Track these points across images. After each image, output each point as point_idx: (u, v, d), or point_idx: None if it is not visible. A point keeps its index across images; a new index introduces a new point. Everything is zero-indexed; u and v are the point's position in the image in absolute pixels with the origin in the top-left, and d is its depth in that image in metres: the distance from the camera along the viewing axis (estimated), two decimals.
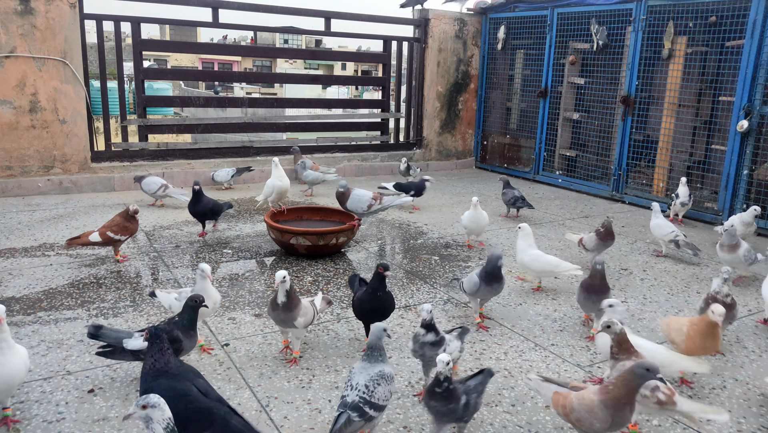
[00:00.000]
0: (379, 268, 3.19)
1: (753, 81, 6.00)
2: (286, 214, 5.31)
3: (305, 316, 3.14)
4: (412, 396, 2.91)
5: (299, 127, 9.91)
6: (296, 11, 8.23)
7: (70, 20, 6.49)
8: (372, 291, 3.24)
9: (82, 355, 3.17)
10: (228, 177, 7.21)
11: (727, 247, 4.58)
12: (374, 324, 2.58)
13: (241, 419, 2.26)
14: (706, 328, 2.96)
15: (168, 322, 2.87)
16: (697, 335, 2.99)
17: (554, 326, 3.78)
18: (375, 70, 31.87)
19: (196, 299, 2.87)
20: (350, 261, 4.88)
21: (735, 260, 4.55)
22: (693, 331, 3.00)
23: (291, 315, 3.10)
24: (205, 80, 30.73)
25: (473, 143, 9.70)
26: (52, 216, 5.79)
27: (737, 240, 4.56)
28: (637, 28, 7.04)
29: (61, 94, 6.57)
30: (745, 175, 6.17)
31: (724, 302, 3.31)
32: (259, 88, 33.38)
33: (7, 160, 6.46)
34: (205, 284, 3.16)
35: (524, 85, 8.94)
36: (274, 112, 13.83)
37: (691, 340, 3.00)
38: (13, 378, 2.47)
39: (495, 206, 6.97)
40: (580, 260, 4.92)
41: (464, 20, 9.10)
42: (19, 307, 3.72)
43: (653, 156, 7.24)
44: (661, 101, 7.16)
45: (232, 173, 7.24)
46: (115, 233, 4.43)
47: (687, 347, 3.01)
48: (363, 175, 8.58)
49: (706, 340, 2.97)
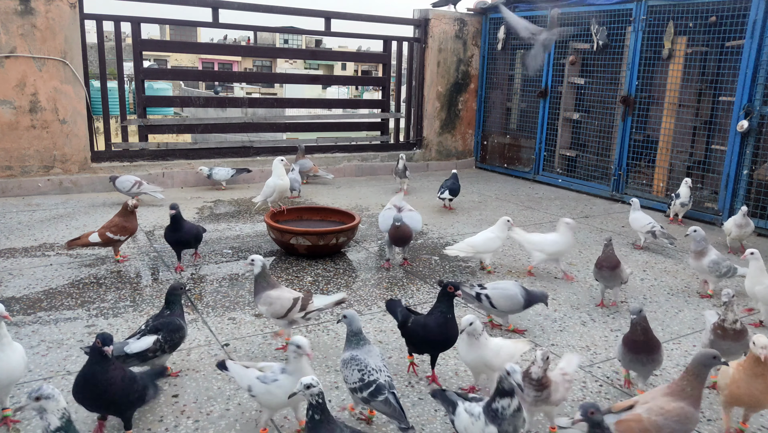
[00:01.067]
0: (449, 287, 2.84)
1: (753, 81, 6.00)
2: (286, 214, 5.31)
3: (269, 306, 3.20)
4: (412, 396, 2.90)
5: (299, 127, 9.92)
6: (296, 11, 8.24)
7: (70, 20, 6.49)
8: (441, 315, 2.82)
9: (82, 355, 3.16)
10: (227, 176, 7.19)
11: (693, 253, 4.21)
12: (348, 311, 2.67)
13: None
14: (752, 366, 2.46)
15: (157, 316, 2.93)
16: (742, 378, 2.49)
17: (554, 326, 3.78)
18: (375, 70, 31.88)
19: (179, 286, 2.96)
20: (350, 261, 4.88)
21: (700, 270, 4.24)
22: (739, 373, 2.51)
23: (255, 301, 3.26)
24: (205, 80, 30.72)
25: (473, 143, 9.70)
26: (52, 216, 5.78)
27: (704, 247, 4.16)
28: (637, 28, 7.04)
29: (61, 94, 6.57)
30: (745, 175, 6.17)
31: (734, 329, 2.88)
32: (259, 88, 33.39)
33: (7, 160, 6.46)
34: (302, 364, 2.43)
35: (524, 85, 8.94)
36: (274, 112, 13.81)
37: (736, 384, 2.51)
38: (12, 374, 2.47)
39: (495, 206, 6.97)
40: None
41: (464, 20, 9.09)
42: (19, 307, 3.72)
43: (653, 156, 7.24)
44: (661, 101, 7.16)
45: (231, 173, 7.23)
46: (115, 233, 4.43)
47: (731, 393, 2.54)
48: (363, 176, 8.58)
49: (755, 383, 2.46)
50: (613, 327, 3.78)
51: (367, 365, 2.49)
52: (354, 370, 2.50)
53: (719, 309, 3.11)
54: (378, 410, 2.47)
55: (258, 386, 2.43)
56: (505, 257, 5.07)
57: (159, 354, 2.81)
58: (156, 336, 2.80)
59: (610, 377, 3.16)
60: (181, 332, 2.88)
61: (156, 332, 2.82)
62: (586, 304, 4.15)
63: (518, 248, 5.32)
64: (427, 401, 2.85)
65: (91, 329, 3.45)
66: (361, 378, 2.47)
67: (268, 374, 2.44)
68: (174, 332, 2.85)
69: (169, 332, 2.83)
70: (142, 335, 2.82)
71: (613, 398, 2.95)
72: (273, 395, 2.41)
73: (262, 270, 3.25)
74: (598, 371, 3.23)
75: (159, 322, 2.87)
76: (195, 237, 4.45)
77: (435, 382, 3.00)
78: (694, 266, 4.31)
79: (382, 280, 4.48)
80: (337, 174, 8.26)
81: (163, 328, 2.84)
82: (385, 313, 3.83)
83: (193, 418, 2.66)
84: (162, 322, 2.87)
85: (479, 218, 6.38)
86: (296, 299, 3.22)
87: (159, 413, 2.68)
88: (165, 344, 2.81)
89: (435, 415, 2.75)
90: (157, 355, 2.80)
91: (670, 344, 3.56)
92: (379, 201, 6.98)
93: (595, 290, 4.37)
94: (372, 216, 6.26)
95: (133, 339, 2.81)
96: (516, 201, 7.34)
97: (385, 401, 2.41)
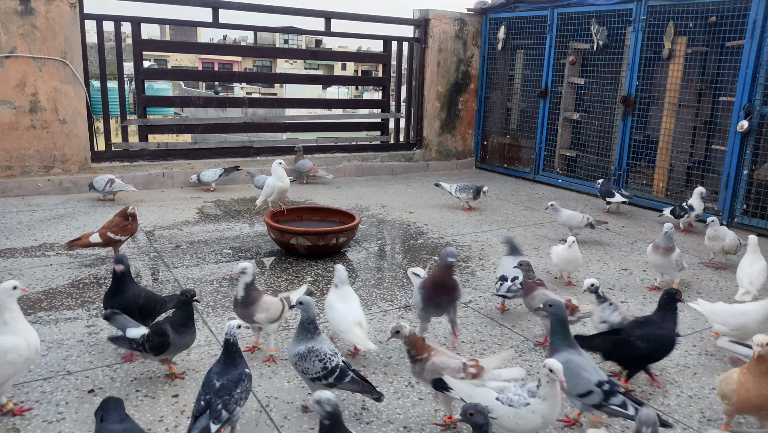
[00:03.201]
0: (677, 294, 2.90)
1: (753, 81, 6.00)
2: (286, 214, 5.31)
3: (266, 312, 3.12)
4: (412, 396, 2.90)
5: (299, 127, 9.92)
6: (296, 11, 8.24)
7: (70, 20, 6.49)
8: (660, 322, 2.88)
9: (82, 355, 3.16)
10: (215, 177, 7.13)
11: (662, 249, 4.28)
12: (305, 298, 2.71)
13: None
14: (757, 366, 2.41)
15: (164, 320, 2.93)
16: (749, 380, 2.42)
17: None
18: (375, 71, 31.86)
19: (187, 293, 2.88)
20: (350, 261, 4.88)
21: (665, 265, 4.31)
22: (744, 376, 2.44)
23: (249, 311, 3.11)
24: (205, 80, 30.72)
25: (473, 143, 9.69)
26: (52, 216, 5.79)
27: (673, 244, 4.31)
28: (637, 28, 7.04)
29: (62, 94, 6.57)
30: (745, 175, 6.17)
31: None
32: (259, 89, 33.37)
33: (7, 160, 6.46)
34: (555, 389, 2.28)
35: (524, 86, 8.94)
36: (274, 112, 13.80)
37: (744, 387, 2.43)
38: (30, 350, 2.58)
39: (495, 206, 6.97)
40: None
41: (464, 20, 9.10)
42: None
43: (653, 156, 7.24)
44: (661, 101, 7.16)
45: (219, 173, 7.17)
46: (115, 233, 4.43)
47: (740, 399, 2.45)
48: (363, 176, 8.58)
49: (763, 383, 2.39)
50: None
51: (326, 353, 2.60)
52: (314, 361, 2.59)
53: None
54: (346, 390, 2.64)
55: (503, 409, 2.31)
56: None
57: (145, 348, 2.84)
58: (146, 331, 2.86)
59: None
60: (162, 339, 2.82)
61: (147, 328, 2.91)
62: (586, 304, 4.13)
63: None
64: (427, 401, 2.85)
65: (91, 329, 3.45)
66: (324, 366, 2.58)
67: (514, 397, 2.33)
68: (157, 335, 2.84)
69: (153, 333, 2.85)
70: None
71: None
72: (525, 419, 2.29)
73: (253, 278, 3.18)
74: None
75: (156, 323, 2.95)
76: (140, 309, 3.18)
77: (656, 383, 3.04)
78: (659, 263, 4.33)
79: (382, 280, 4.48)
80: (337, 174, 8.26)
81: (152, 328, 2.89)
82: (385, 313, 3.83)
83: None
84: (157, 323, 2.94)
85: (479, 218, 6.39)
86: (283, 299, 3.26)
87: (159, 413, 2.68)
88: (146, 343, 2.82)
89: (435, 415, 2.75)
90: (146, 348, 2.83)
91: None
92: (379, 201, 6.98)
93: None
94: (372, 216, 6.27)
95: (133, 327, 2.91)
96: (516, 201, 7.34)
97: (352, 381, 2.60)
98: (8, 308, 2.59)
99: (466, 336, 3.56)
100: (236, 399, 2.34)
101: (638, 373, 3.03)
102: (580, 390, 2.44)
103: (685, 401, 2.96)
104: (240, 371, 2.41)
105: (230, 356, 2.44)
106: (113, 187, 6.31)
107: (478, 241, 5.54)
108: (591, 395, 2.42)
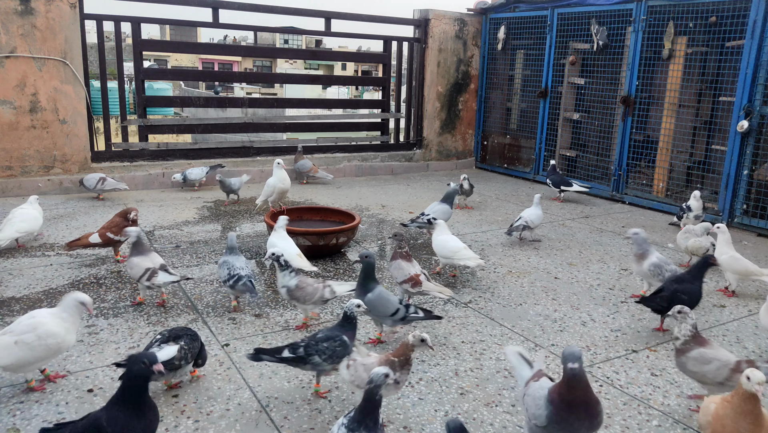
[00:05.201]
0: (712, 258, 3.57)
1: (753, 81, 6.00)
2: (286, 214, 5.30)
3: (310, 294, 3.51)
4: (412, 396, 2.91)
5: (299, 127, 9.92)
6: (296, 11, 8.24)
7: (70, 20, 6.49)
8: (691, 280, 3.62)
9: (82, 355, 3.16)
10: (202, 175, 7.10)
11: (634, 256, 4.10)
12: (230, 234, 3.67)
13: None
14: (741, 403, 2.19)
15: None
16: (728, 415, 2.21)
17: (554, 326, 3.77)
18: (375, 71, 31.88)
19: (143, 359, 2.22)
20: (350, 261, 4.88)
21: (639, 272, 4.10)
22: (724, 409, 2.23)
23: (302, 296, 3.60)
24: (205, 80, 30.73)
25: (473, 143, 9.70)
26: (52, 216, 5.78)
27: (645, 249, 4.02)
28: (637, 28, 7.04)
29: (62, 94, 6.57)
30: (745, 175, 6.17)
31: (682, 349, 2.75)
32: (260, 89, 33.40)
33: (8, 160, 6.46)
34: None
35: (524, 86, 8.94)
36: (274, 112, 13.83)
37: (720, 421, 2.23)
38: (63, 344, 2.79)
39: (495, 206, 6.97)
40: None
41: (464, 20, 9.10)
42: (19, 307, 3.72)
43: (653, 156, 7.24)
44: (661, 101, 7.16)
45: (206, 171, 7.14)
46: (115, 233, 4.43)
47: (714, 431, 2.26)
48: (363, 176, 8.58)
49: (742, 421, 2.17)
50: (613, 327, 3.79)
51: (234, 266, 3.65)
52: (225, 269, 3.68)
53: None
54: (240, 291, 3.64)
55: None
56: (504, 258, 5.08)
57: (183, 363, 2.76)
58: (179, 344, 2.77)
59: (610, 378, 3.16)
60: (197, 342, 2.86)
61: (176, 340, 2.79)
62: (586, 304, 4.15)
63: (518, 248, 5.33)
64: (427, 402, 2.85)
65: (90, 329, 3.45)
66: (229, 274, 3.64)
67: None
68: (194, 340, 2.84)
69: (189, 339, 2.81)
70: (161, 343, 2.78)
71: (613, 398, 2.95)
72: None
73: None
74: (599, 371, 3.23)
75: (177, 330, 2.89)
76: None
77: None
78: (635, 269, 4.17)
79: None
80: (337, 174, 8.26)
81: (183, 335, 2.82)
82: None
83: (193, 418, 2.66)
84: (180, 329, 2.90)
85: (479, 218, 6.39)
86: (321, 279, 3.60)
87: (159, 413, 2.68)
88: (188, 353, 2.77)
89: (435, 415, 2.75)
90: (182, 364, 2.76)
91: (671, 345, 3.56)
92: (379, 201, 6.98)
93: (596, 290, 4.38)
94: (372, 216, 6.27)
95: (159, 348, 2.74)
96: (516, 201, 7.34)
97: (243, 285, 3.59)
98: (70, 312, 2.83)
99: (466, 336, 3.57)
100: (320, 349, 2.75)
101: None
102: (391, 310, 3.31)
103: (685, 401, 2.96)
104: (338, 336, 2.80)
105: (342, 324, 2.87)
106: (104, 185, 6.36)
107: (478, 241, 5.54)
108: (398, 312, 3.31)
